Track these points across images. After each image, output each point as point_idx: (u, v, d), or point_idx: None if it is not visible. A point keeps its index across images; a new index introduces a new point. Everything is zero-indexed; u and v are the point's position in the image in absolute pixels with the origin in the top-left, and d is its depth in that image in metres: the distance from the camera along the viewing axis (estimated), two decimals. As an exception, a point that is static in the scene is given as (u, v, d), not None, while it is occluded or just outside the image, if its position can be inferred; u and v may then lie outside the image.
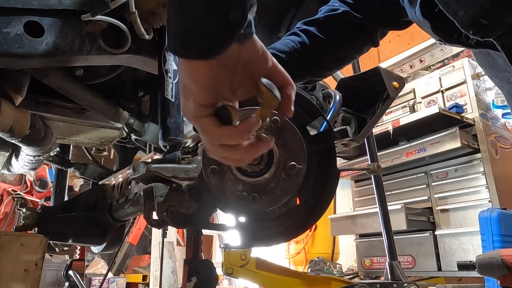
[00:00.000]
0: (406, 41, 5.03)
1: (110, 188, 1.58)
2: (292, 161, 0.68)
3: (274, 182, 0.67)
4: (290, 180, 0.68)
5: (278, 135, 0.69)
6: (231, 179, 0.67)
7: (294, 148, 0.69)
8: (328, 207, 0.75)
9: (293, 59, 0.87)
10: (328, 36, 0.93)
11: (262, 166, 0.67)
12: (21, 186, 4.25)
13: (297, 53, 0.88)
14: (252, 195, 0.66)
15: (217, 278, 1.17)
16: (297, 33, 0.93)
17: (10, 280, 1.20)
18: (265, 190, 0.67)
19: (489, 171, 3.21)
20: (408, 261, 3.44)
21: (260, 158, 0.67)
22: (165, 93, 1.10)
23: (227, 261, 1.68)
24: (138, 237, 5.14)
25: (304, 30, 0.93)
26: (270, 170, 0.67)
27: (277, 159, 0.67)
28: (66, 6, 0.92)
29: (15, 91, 1.13)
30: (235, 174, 0.67)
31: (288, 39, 0.92)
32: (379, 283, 1.91)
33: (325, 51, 0.93)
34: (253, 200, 0.66)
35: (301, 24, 0.96)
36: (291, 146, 0.69)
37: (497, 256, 1.32)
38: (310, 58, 0.92)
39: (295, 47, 0.89)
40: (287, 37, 0.93)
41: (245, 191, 0.67)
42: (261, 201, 0.67)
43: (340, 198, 5.16)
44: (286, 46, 0.89)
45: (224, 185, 0.68)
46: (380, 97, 1.52)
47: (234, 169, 0.67)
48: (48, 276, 4.26)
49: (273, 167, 0.67)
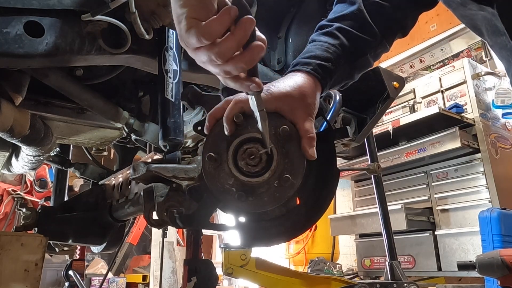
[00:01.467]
0: (406, 41, 5.03)
1: (110, 188, 1.58)
2: (288, 174, 0.67)
3: (264, 188, 0.67)
4: (281, 191, 0.67)
5: (283, 144, 0.68)
6: (225, 171, 0.67)
7: (295, 162, 0.68)
8: (328, 207, 0.75)
9: (339, 66, 0.81)
10: (366, 33, 0.86)
11: (258, 169, 0.67)
12: (21, 186, 4.25)
13: (342, 59, 0.81)
14: (239, 193, 0.66)
15: (217, 278, 1.17)
16: (333, 33, 0.84)
17: (10, 280, 1.20)
18: (254, 192, 0.67)
19: (489, 171, 3.21)
20: (408, 261, 3.44)
21: (259, 161, 0.67)
22: (165, 93, 1.10)
23: (227, 261, 1.68)
24: (138, 237, 5.14)
25: (340, 29, 0.85)
26: (264, 175, 0.66)
27: (275, 166, 0.67)
28: (66, 6, 0.92)
29: (15, 91, 1.13)
30: (230, 168, 0.67)
31: (327, 42, 0.83)
32: (379, 283, 1.91)
33: (366, 51, 0.87)
34: (238, 198, 0.66)
35: (334, 20, 0.87)
36: (292, 159, 0.68)
37: (497, 256, 1.32)
38: (352, 62, 0.85)
39: (337, 52, 0.81)
40: (324, 40, 0.83)
41: (234, 187, 0.66)
42: (246, 202, 0.66)
43: (340, 198, 5.16)
44: (328, 52, 0.81)
45: (217, 175, 0.67)
46: (380, 97, 1.52)
47: (231, 163, 0.67)
48: (48, 276, 4.26)
49: (269, 173, 0.66)
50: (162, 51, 1.12)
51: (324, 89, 0.79)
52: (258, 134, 0.67)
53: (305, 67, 0.77)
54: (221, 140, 0.69)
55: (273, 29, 1.44)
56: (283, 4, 1.42)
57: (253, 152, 0.67)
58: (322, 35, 0.85)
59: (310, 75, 0.76)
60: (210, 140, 0.69)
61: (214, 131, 0.70)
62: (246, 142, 0.68)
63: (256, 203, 0.67)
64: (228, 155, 0.67)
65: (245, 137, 0.68)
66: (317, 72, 0.77)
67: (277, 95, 0.70)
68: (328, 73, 0.78)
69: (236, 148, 0.68)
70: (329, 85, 0.81)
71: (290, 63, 1.43)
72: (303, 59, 0.80)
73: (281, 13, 1.43)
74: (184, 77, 1.19)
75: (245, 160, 0.67)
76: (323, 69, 0.78)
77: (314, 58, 0.79)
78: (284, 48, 1.44)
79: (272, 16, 1.42)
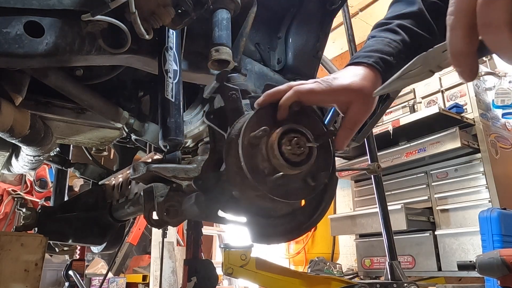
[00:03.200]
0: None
1: (110, 188, 1.58)
2: (323, 171, 0.68)
3: (296, 179, 0.67)
4: (310, 187, 0.68)
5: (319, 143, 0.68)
6: (262, 152, 0.66)
7: (326, 161, 0.70)
8: (328, 208, 0.76)
9: (400, 61, 0.78)
10: (428, 31, 0.84)
11: (300, 159, 0.66)
12: (21, 186, 4.25)
13: (403, 54, 0.80)
14: (270, 178, 0.65)
15: (217, 278, 1.17)
16: (394, 30, 0.82)
17: (10, 280, 1.20)
18: (286, 181, 0.67)
19: (489, 171, 3.21)
20: (408, 261, 3.45)
21: (304, 152, 0.66)
22: (165, 93, 1.10)
23: (227, 261, 1.68)
24: (138, 237, 5.15)
25: (401, 26, 0.83)
26: (303, 166, 0.66)
27: (313, 160, 0.67)
28: (66, 6, 0.92)
29: (15, 91, 1.13)
30: (269, 150, 0.66)
31: (388, 38, 0.81)
32: (379, 283, 1.91)
33: (426, 50, 0.87)
34: (267, 181, 0.64)
35: (393, 18, 0.85)
36: (324, 157, 0.69)
37: (497, 256, 1.32)
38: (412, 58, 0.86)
39: (399, 47, 0.80)
40: (385, 35, 0.82)
41: (267, 170, 0.66)
42: (276, 186, 0.66)
43: (340, 198, 5.16)
44: (390, 47, 0.79)
45: (253, 154, 0.66)
46: (380, 97, 1.52)
47: (275, 146, 0.65)
48: (48, 276, 4.26)
49: (307, 165, 0.67)
50: (162, 51, 1.11)
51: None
52: (303, 128, 0.67)
53: (367, 59, 0.75)
54: (268, 122, 0.67)
55: (273, 29, 1.44)
56: (283, 4, 1.42)
57: (300, 142, 0.66)
58: (382, 31, 0.83)
59: (372, 68, 0.75)
60: (256, 118, 0.68)
61: (265, 109, 0.69)
62: (292, 131, 0.67)
63: (285, 191, 0.66)
64: (273, 138, 0.66)
65: (292, 127, 0.67)
66: (379, 65, 0.75)
67: (335, 87, 0.69)
68: (389, 67, 0.77)
69: (282, 134, 0.67)
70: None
71: (290, 63, 1.43)
72: (363, 53, 0.78)
73: (281, 13, 1.43)
74: (184, 77, 1.19)
75: (291, 149, 0.66)
76: (385, 63, 0.76)
77: (376, 52, 0.77)
78: (284, 48, 1.44)
79: (272, 16, 1.42)
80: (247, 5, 1.17)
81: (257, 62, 1.35)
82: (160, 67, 1.11)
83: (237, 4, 1.10)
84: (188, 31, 1.19)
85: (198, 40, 1.22)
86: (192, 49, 1.21)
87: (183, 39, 1.18)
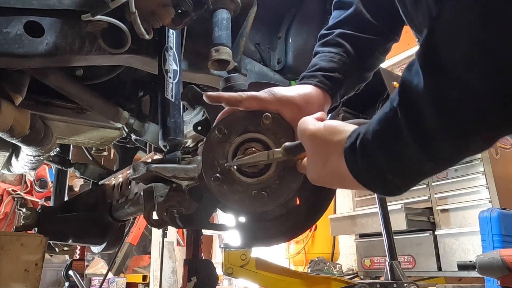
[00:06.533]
0: (406, 41, 5.02)
1: (110, 188, 1.58)
2: (269, 191, 0.68)
3: (244, 190, 0.67)
4: (256, 202, 0.67)
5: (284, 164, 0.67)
6: (224, 151, 0.68)
7: (286, 186, 0.68)
8: (328, 207, 0.76)
9: (347, 73, 0.79)
10: (370, 32, 0.83)
11: (251, 171, 0.67)
12: (21, 186, 4.25)
13: (349, 66, 0.80)
14: (216, 176, 0.66)
15: (217, 278, 1.17)
16: (335, 41, 0.82)
17: (10, 280, 1.20)
18: (232, 184, 0.67)
19: (489, 171, 3.21)
20: (408, 261, 3.44)
21: (257, 166, 0.67)
22: (165, 93, 1.10)
23: (227, 261, 1.68)
24: (138, 237, 5.15)
25: (341, 35, 0.83)
26: (258, 178, 0.66)
27: (266, 177, 0.67)
28: (66, 6, 0.92)
29: (15, 91, 1.13)
30: (229, 151, 0.67)
31: (330, 52, 0.81)
32: (379, 283, 1.91)
33: (373, 50, 0.85)
34: (214, 180, 0.66)
35: (333, 27, 0.85)
36: (287, 182, 0.68)
37: (497, 256, 1.32)
38: (361, 65, 0.83)
39: (343, 59, 0.80)
40: (327, 50, 0.81)
41: (220, 169, 0.67)
42: (219, 187, 0.66)
43: (340, 198, 5.15)
44: (333, 61, 0.79)
45: (215, 148, 0.68)
46: (380, 97, 1.52)
47: (232, 148, 0.67)
48: (48, 276, 4.26)
49: (257, 179, 0.66)
50: (162, 51, 1.12)
51: (333, 100, 0.78)
52: (265, 137, 0.67)
53: (312, 79, 0.76)
54: (237, 127, 0.68)
55: (273, 29, 1.44)
56: (283, 4, 1.42)
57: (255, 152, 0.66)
58: (324, 46, 0.83)
59: (318, 87, 0.75)
60: (228, 120, 0.69)
61: (236, 114, 0.69)
62: (253, 140, 0.68)
63: (226, 195, 0.66)
64: (235, 141, 0.67)
65: (254, 137, 0.67)
66: (324, 84, 0.76)
67: (279, 97, 0.70)
68: (336, 83, 0.77)
69: (243, 141, 0.67)
70: (341, 94, 0.80)
71: (290, 63, 1.43)
72: (308, 73, 0.78)
73: (281, 13, 1.43)
74: (184, 77, 1.19)
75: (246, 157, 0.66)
76: (330, 80, 0.77)
77: (319, 71, 0.78)
78: (284, 48, 1.44)
79: (272, 16, 1.42)
80: (247, 5, 1.17)
81: (257, 62, 1.35)
82: (160, 67, 1.12)
83: (237, 4, 1.10)
84: (188, 31, 1.20)
85: (198, 40, 1.22)
86: (192, 49, 1.21)
87: (183, 39, 1.18)
